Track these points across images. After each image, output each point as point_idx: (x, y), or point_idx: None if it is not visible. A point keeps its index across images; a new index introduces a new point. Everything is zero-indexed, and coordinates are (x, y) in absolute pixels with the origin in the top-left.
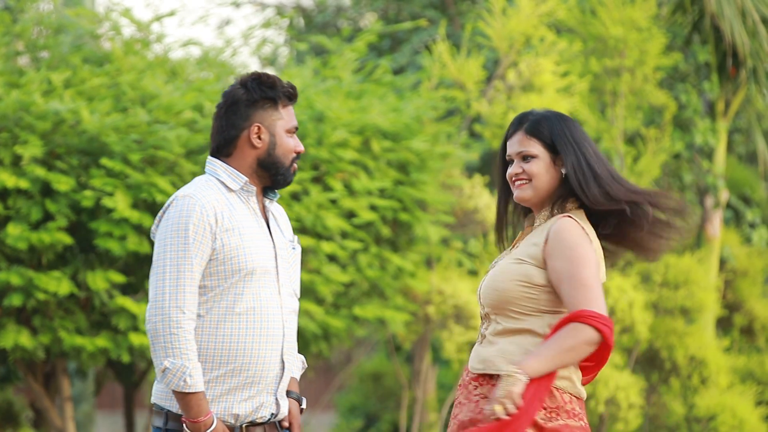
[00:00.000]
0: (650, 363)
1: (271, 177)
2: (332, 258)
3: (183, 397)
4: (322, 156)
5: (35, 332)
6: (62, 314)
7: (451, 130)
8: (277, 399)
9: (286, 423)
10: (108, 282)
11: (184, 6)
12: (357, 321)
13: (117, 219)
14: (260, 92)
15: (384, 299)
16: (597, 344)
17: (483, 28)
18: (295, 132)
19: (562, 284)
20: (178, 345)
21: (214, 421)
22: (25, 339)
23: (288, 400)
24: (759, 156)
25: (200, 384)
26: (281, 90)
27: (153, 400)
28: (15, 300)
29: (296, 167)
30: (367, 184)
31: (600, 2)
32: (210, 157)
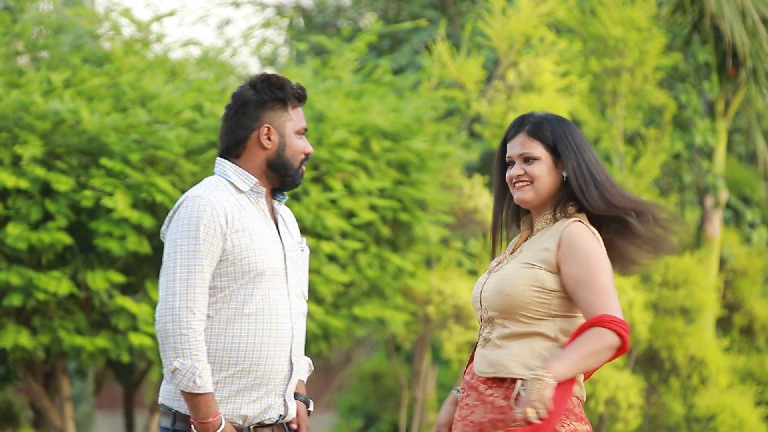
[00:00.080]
0: (650, 363)
1: (280, 178)
2: (332, 258)
3: (192, 398)
4: (322, 156)
5: (35, 332)
6: (62, 314)
7: (451, 130)
8: (286, 400)
9: (294, 425)
10: (108, 282)
11: (184, 6)
12: (357, 321)
13: (117, 219)
14: (270, 93)
15: (384, 299)
16: (617, 349)
17: (483, 28)
18: (304, 133)
19: (579, 289)
20: (188, 345)
21: (223, 423)
22: (25, 339)
23: (295, 402)
24: (759, 156)
25: (209, 385)
26: (291, 91)
27: (160, 401)
28: (15, 300)
29: (304, 169)
30: (367, 184)
31: (600, 2)
32: (219, 158)
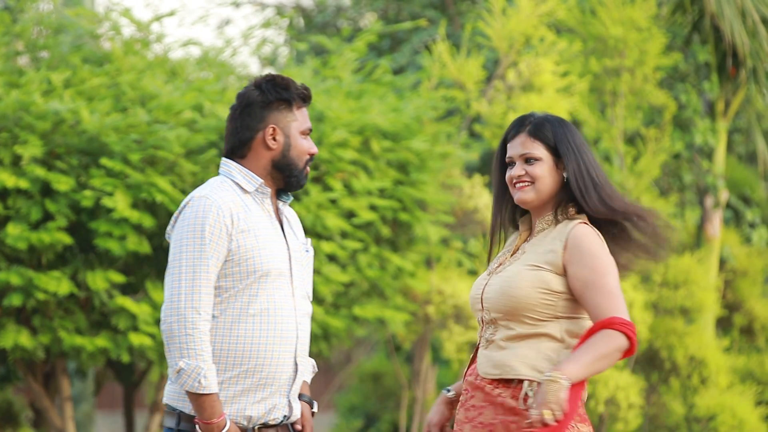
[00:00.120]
0: (650, 363)
1: (285, 179)
2: (332, 258)
3: (197, 398)
4: (322, 156)
5: (35, 332)
6: (62, 314)
7: (451, 130)
8: (290, 401)
9: (299, 426)
10: (108, 282)
11: (184, 6)
12: (357, 321)
13: (117, 219)
14: (275, 94)
15: (384, 299)
16: (625, 351)
17: (483, 28)
18: (309, 134)
19: (587, 291)
20: (194, 346)
21: (227, 423)
22: (25, 339)
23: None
24: (759, 156)
25: (215, 385)
26: (295, 92)
27: (165, 401)
28: (15, 300)
29: (308, 170)
30: (367, 184)
31: (600, 2)
32: (224, 159)
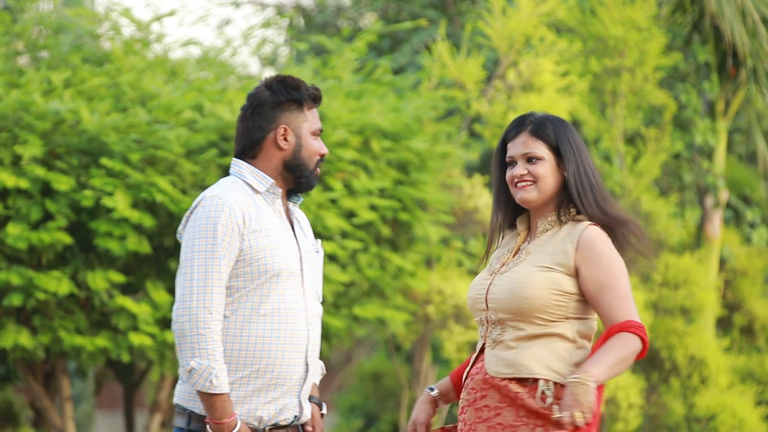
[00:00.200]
0: (650, 363)
1: (296, 179)
2: (332, 258)
3: (208, 398)
4: None
5: (35, 332)
6: (62, 314)
7: (451, 130)
8: (301, 402)
9: (309, 427)
10: (108, 282)
11: (184, 6)
12: (357, 321)
13: (117, 219)
14: (286, 94)
15: (384, 299)
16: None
17: (483, 28)
18: (320, 134)
19: (601, 294)
20: (205, 345)
21: (238, 423)
22: (25, 339)
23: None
24: (759, 156)
25: (226, 385)
26: (306, 92)
27: (175, 401)
28: (15, 300)
29: (319, 171)
30: (367, 184)
31: (600, 2)
32: (235, 159)
